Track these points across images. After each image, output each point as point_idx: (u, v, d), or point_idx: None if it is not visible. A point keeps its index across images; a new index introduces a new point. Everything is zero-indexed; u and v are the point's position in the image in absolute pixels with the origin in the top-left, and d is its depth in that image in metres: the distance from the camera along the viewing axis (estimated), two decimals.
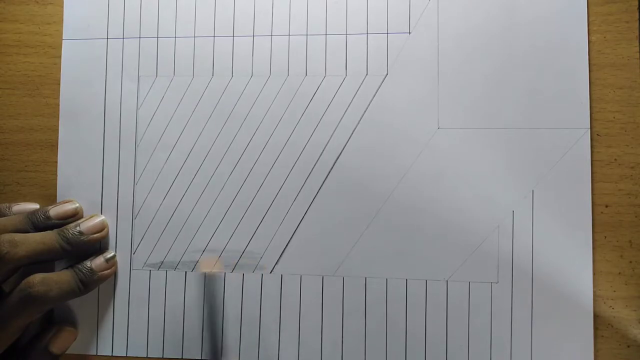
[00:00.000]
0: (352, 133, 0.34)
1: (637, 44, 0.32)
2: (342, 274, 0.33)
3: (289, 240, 0.34)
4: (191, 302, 0.34)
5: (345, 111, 0.34)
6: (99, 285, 0.34)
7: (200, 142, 0.35)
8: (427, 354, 0.32)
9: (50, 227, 0.33)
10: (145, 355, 0.34)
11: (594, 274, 0.32)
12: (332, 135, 0.34)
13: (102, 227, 0.34)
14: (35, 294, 0.30)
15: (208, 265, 0.34)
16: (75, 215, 0.34)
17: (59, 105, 0.36)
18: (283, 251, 0.34)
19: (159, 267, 0.35)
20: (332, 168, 0.34)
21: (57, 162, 0.35)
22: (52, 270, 0.33)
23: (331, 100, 0.34)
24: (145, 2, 0.35)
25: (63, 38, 0.36)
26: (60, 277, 0.31)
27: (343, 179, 0.34)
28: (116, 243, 0.35)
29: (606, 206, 0.32)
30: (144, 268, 0.35)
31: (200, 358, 0.34)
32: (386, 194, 0.33)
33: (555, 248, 0.32)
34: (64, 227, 0.33)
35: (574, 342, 0.31)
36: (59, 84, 0.36)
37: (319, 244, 0.34)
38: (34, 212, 0.33)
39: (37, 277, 0.31)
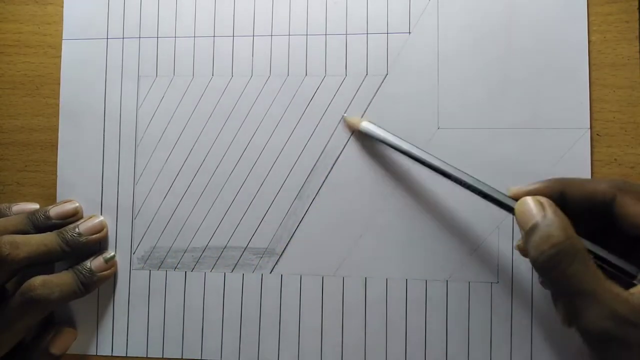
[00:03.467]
0: (352, 133, 0.34)
1: (637, 44, 0.32)
2: (342, 274, 0.33)
3: (289, 240, 0.34)
4: (191, 302, 0.34)
5: (346, 111, 0.34)
6: (99, 286, 0.34)
7: (200, 142, 0.35)
8: (427, 354, 0.32)
9: (51, 227, 0.33)
10: (145, 355, 0.34)
11: None
12: (332, 135, 0.34)
13: (101, 228, 0.34)
14: (36, 297, 0.30)
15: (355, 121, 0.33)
16: (75, 215, 0.34)
17: (59, 105, 0.36)
18: (283, 251, 0.34)
19: (159, 267, 0.35)
20: (332, 168, 0.34)
21: (57, 162, 0.35)
22: (52, 271, 0.33)
23: (331, 100, 0.34)
24: (145, 2, 0.35)
25: (63, 38, 0.36)
26: (61, 279, 0.31)
27: (343, 179, 0.33)
28: (116, 243, 0.35)
29: None
30: (144, 268, 0.35)
31: (200, 358, 0.34)
32: (386, 194, 0.33)
33: None
34: (64, 228, 0.33)
35: (574, 342, 0.31)
36: (59, 84, 0.36)
37: (319, 244, 0.34)
38: (34, 212, 0.33)
39: (38, 280, 0.31)
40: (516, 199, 0.27)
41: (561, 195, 0.27)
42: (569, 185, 0.27)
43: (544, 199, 0.26)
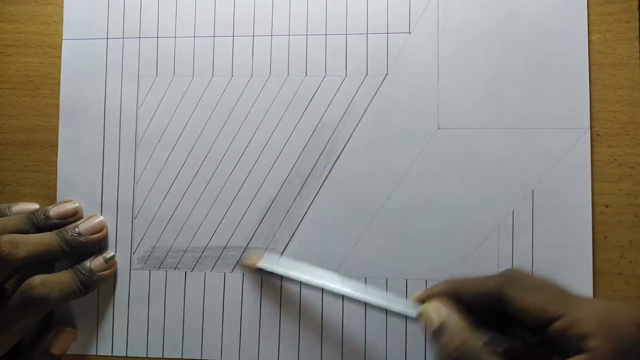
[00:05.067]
0: (352, 133, 0.34)
1: (637, 44, 0.32)
2: (342, 274, 0.33)
3: (289, 240, 0.34)
4: (191, 302, 0.34)
5: (345, 111, 0.34)
6: (99, 286, 0.34)
7: (200, 142, 0.35)
8: (427, 354, 0.32)
9: (50, 227, 0.33)
10: (145, 355, 0.34)
11: (594, 274, 0.32)
12: (332, 135, 0.34)
13: (101, 228, 0.34)
14: (36, 295, 0.30)
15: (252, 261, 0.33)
16: (75, 215, 0.34)
17: (59, 105, 0.36)
18: (283, 251, 0.34)
19: (159, 267, 0.35)
20: (332, 168, 0.34)
21: (57, 162, 0.35)
22: (52, 270, 0.33)
23: (331, 100, 0.34)
24: (145, 2, 0.35)
25: (63, 38, 0.36)
26: (60, 279, 0.31)
27: (343, 179, 0.34)
28: (116, 243, 0.35)
29: (606, 206, 0.32)
30: (144, 268, 0.35)
31: (200, 358, 0.34)
32: (386, 194, 0.33)
33: (555, 248, 0.32)
34: (63, 228, 0.33)
35: None
36: (59, 84, 0.36)
37: (319, 244, 0.34)
38: (34, 212, 0.33)
39: (37, 279, 0.30)
40: (421, 303, 0.28)
41: (457, 296, 0.27)
42: (462, 286, 0.28)
43: (446, 301, 0.27)
